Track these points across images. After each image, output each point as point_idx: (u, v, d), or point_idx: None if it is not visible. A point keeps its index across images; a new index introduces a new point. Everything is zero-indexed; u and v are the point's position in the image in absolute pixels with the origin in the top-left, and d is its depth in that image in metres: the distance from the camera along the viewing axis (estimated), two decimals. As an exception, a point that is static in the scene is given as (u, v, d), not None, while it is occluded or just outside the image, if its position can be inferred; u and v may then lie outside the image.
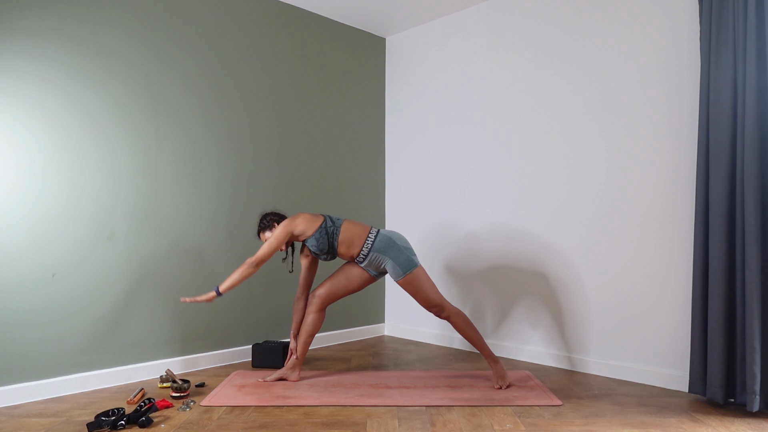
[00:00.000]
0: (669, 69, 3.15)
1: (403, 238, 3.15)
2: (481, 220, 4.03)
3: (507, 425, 2.48)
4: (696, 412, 2.68)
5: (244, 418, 2.56)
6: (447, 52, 4.31)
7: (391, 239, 3.07)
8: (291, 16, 4.11)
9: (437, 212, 4.34)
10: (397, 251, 3.05)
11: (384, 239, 3.07)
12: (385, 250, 3.05)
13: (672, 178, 3.12)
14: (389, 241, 3.05)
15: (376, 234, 3.10)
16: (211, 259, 3.62)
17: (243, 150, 3.81)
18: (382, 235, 3.09)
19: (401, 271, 3.04)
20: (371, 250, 3.06)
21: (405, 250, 3.07)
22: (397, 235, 3.15)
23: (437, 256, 4.32)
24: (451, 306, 3.13)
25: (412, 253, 3.09)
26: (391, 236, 3.09)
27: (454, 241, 4.20)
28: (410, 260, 3.04)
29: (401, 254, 3.04)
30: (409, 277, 3.04)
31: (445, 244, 4.27)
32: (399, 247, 3.06)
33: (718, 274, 2.72)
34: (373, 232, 3.10)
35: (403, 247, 3.07)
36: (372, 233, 3.10)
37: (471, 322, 3.14)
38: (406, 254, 3.04)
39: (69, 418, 2.60)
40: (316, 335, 4.16)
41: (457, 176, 4.20)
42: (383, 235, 3.08)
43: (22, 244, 2.89)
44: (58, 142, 3.02)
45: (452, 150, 4.24)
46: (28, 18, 2.93)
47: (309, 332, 3.24)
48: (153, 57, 3.39)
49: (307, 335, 3.23)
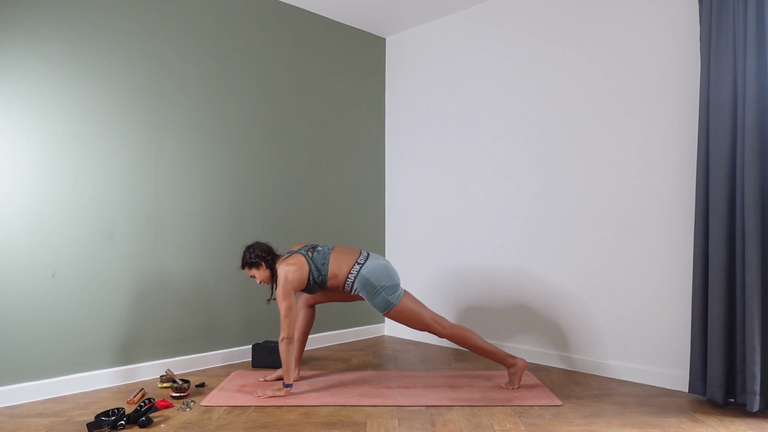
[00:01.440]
0: (669, 69, 3.15)
1: (383, 273, 2.99)
2: (482, 220, 4.03)
3: (507, 425, 2.48)
4: (696, 412, 2.68)
5: (244, 418, 2.56)
6: (447, 52, 4.31)
7: (369, 281, 2.97)
8: (291, 16, 4.11)
9: (437, 212, 4.34)
10: (374, 294, 2.97)
11: (362, 281, 2.98)
12: (361, 290, 3.00)
13: (672, 177, 3.12)
14: (367, 283, 2.97)
15: (356, 275, 2.99)
16: (211, 259, 3.62)
17: (243, 150, 3.81)
18: (361, 275, 2.98)
19: (380, 311, 3.02)
20: (353, 288, 3.03)
21: (383, 290, 2.96)
22: (377, 270, 2.99)
23: (437, 256, 4.32)
24: (447, 324, 3.04)
25: (391, 291, 2.98)
26: (369, 277, 2.97)
27: (454, 240, 4.20)
28: (386, 301, 2.97)
29: (378, 296, 2.97)
30: (390, 314, 3.02)
31: (445, 244, 4.27)
32: (376, 288, 2.96)
33: (718, 274, 2.72)
34: (354, 271, 2.99)
35: (381, 287, 2.97)
36: (353, 272, 2.99)
37: (472, 335, 3.04)
38: (382, 296, 2.97)
39: (69, 418, 2.60)
40: (316, 335, 4.19)
41: (457, 176, 4.20)
42: (362, 276, 2.98)
43: (22, 244, 2.89)
44: (58, 142, 3.02)
45: (452, 150, 4.24)
46: (28, 18, 2.93)
47: (302, 330, 3.25)
48: (153, 57, 3.39)
49: (300, 333, 3.25)
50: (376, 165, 4.70)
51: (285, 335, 2.85)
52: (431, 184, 4.39)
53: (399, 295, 3.00)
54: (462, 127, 4.17)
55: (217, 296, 3.65)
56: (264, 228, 3.89)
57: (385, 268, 3.02)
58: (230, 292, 3.72)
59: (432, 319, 3.03)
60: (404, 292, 3.04)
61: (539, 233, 3.70)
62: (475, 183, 4.07)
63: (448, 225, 4.25)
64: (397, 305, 2.98)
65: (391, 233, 4.71)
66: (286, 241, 4.03)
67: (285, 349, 2.85)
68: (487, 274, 3.99)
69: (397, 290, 3.01)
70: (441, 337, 3.07)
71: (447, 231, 4.26)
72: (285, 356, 2.86)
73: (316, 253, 3.03)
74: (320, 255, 3.03)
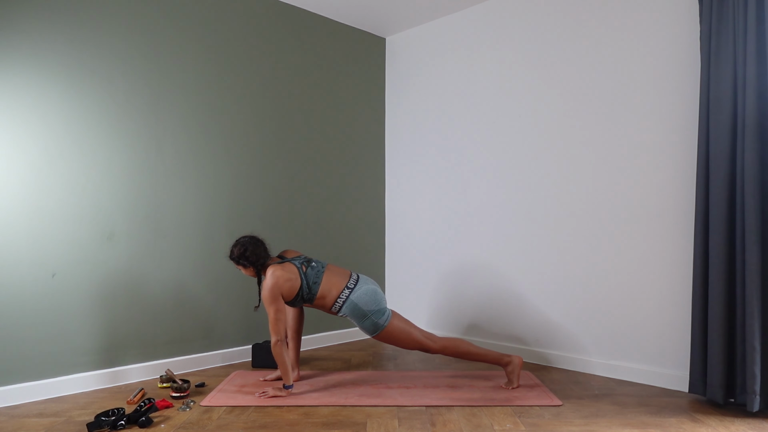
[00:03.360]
0: (669, 69, 3.15)
1: (372, 298, 2.99)
2: (482, 219, 4.03)
3: (507, 425, 2.48)
4: (696, 412, 2.68)
5: (244, 418, 2.56)
6: (447, 52, 4.31)
7: (358, 306, 2.97)
8: (291, 16, 4.11)
9: (437, 212, 4.34)
10: (363, 318, 2.98)
11: (351, 306, 2.98)
12: (350, 314, 3.00)
13: (672, 178, 3.12)
14: (356, 308, 2.97)
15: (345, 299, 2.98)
16: (211, 259, 3.62)
17: (243, 150, 3.81)
18: (350, 301, 2.98)
19: (369, 334, 3.03)
20: (340, 312, 3.03)
21: (371, 314, 2.97)
22: (366, 296, 2.99)
23: (437, 256, 4.32)
24: (437, 339, 3.04)
25: (379, 315, 2.98)
26: (358, 302, 2.97)
27: (454, 240, 4.20)
28: (375, 324, 2.98)
29: (366, 320, 2.98)
30: (379, 336, 3.02)
31: (445, 244, 4.27)
32: (365, 313, 2.97)
33: (718, 274, 2.72)
34: (343, 295, 2.98)
35: (369, 311, 2.97)
36: (342, 296, 2.98)
37: (463, 344, 3.05)
38: (371, 319, 2.97)
39: (69, 418, 2.60)
40: (317, 335, 4.18)
41: (457, 176, 4.20)
42: (351, 301, 2.97)
43: (22, 244, 2.89)
44: (58, 142, 3.02)
45: (452, 149, 4.24)
46: (28, 19, 2.93)
47: (294, 330, 3.25)
48: (153, 57, 3.39)
49: (293, 333, 3.25)
50: (376, 165, 4.70)
51: (277, 338, 2.85)
52: (431, 184, 4.39)
53: (387, 317, 3.00)
54: (462, 127, 4.17)
55: (217, 296, 3.65)
56: (264, 228, 3.89)
57: (374, 292, 3.03)
58: (230, 292, 3.72)
59: (422, 335, 3.04)
60: (392, 312, 3.05)
61: (539, 233, 3.70)
62: (475, 182, 4.07)
63: (448, 224, 4.25)
64: (386, 326, 2.99)
65: (391, 233, 4.71)
66: (286, 242, 4.02)
67: (280, 351, 2.85)
68: (487, 273, 3.99)
69: (385, 313, 3.01)
70: (434, 353, 3.06)
71: (447, 230, 4.26)
72: (281, 359, 2.86)
73: (310, 269, 3.00)
74: (314, 272, 3.00)
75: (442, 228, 4.30)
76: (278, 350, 2.85)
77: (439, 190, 4.33)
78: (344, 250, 4.41)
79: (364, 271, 4.56)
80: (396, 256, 4.65)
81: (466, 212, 4.14)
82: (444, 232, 4.29)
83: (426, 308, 4.40)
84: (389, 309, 3.07)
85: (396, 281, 4.65)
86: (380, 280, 4.71)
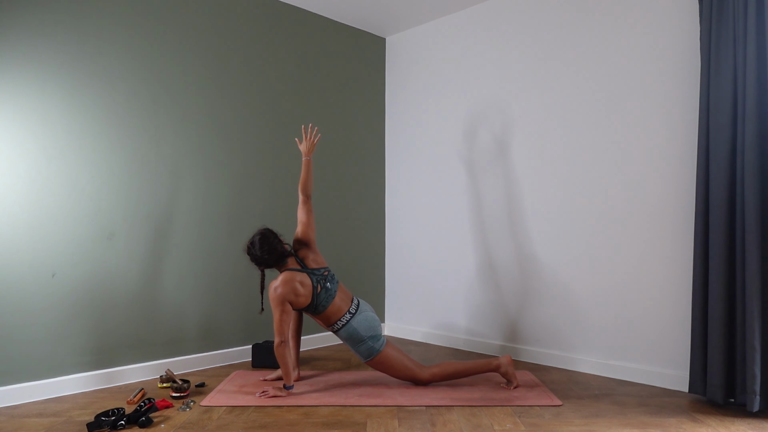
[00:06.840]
0: (669, 69, 3.15)
1: (370, 325, 3.04)
2: (482, 219, 4.03)
3: (507, 425, 2.48)
4: (696, 412, 2.68)
5: (244, 418, 2.56)
6: (447, 52, 4.31)
7: (357, 331, 3.01)
8: (291, 16, 4.11)
9: (437, 212, 4.34)
10: (359, 343, 3.02)
11: (350, 330, 3.01)
12: (346, 338, 3.04)
13: (672, 177, 3.12)
14: (354, 333, 3.01)
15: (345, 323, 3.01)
16: (211, 259, 3.62)
17: (243, 149, 3.81)
18: (350, 325, 3.02)
19: (363, 358, 3.05)
20: (337, 332, 3.06)
21: (369, 339, 3.01)
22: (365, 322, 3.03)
23: (437, 256, 4.32)
24: (426, 370, 3.06)
25: (374, 340, 3.02)
26: (358, 328, 3.01)
27: (454, 240, 4.20)
28: (370, 348, 3.01)
29: (362, 345, 3.02)
30: (371, 362, 3.05)
31: (445, 243, 4.27)
32: (363, 338, 3.01)
33: (718, 274, 2.72)
34: (343, 319, 3.02)
35: (367, 336, 3.01)
36: (342, 320, 3.02)
37: (449, 365, 3.08)
38: (367, 344, 3.01)
39: (69, 418, 2.60)
40: (317, 335, 4.18)
41: (457, 176, 4.20)
42: (351, 326, 3.02)
43: (22, 244, 2.88)
44: (58, 142, 3.02)
45: (452, 149, 4.23)
46: (28, 18, 2.93)
47: (294, 330, 3.26)
48: (153, 57, 3.39)
49: (293, 333, 3.26)
50: (376, 164, 4.70)
51: (281, 339, 2.87)
52: (431, 184, 4.38)
53: (382, 343, 3.04)
54: (462, 127, 4.17)
55: (217, 296, 3.65)
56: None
57: (372, 319, 3.08)
58: (230, 291, 3.72)
59: (414, 364, 3.07)
60: (386, 341, 3.08)
61: (538, 232, 3.70)
62: (475, 182, 4.07)
63: (448, 224, 4.25)
64: (381, 352, 3.02)
65: (390, 233, 4.71)
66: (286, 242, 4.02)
67: (283, 353, 2.87)
68: (486, 273, 3.99)
69: (380, 339, 3.06)
70: (426, 382, 3.07)
71: (447, 230, 4.26)
72: (284, 360, 2.88)
73: (323, 291, 3.01)
74: (326, 295, 3.01)
75: (442, 228, 4.30)
76: (281, 351, 2.87)
77: (439, 190, 4.32)
78: (344, 250, 4.41)
79: (364, 271, 4.56)
80: (396, 255, 4.65)
81: (466, 212, 4.14)
82: (444, 232, 4.28)
83: (426, 308, 4.40)
84: (384, 336, 3.12)
85: (396, 281, 4.65)
86: (380, 280, 4.71)
